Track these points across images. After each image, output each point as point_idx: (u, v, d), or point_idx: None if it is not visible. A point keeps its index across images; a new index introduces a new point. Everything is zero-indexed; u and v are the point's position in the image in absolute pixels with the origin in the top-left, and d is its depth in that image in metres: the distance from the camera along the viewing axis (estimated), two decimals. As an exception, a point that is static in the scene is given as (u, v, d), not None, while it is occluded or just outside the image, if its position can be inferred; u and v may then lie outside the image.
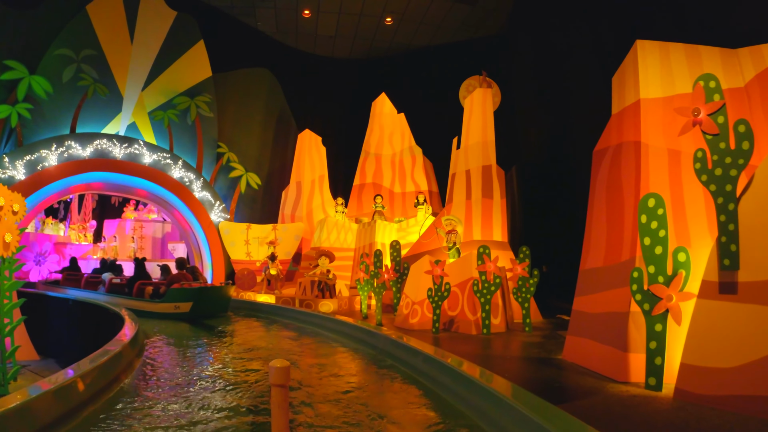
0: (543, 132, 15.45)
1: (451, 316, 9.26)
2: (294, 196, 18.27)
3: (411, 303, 9.51)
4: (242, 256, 17.03)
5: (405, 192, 17.65)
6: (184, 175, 17.12)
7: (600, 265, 6.53)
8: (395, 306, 11.28)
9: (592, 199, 7.11)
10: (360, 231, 14.50)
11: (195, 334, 9.86)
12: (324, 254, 12.86)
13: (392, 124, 18.55)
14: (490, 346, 7.78)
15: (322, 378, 6.02)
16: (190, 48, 18.57)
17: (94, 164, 15.77)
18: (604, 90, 12.49)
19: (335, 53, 23.17)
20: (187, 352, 8.11)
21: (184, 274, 12.39)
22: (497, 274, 8.69)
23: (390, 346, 6.82)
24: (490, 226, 11.71)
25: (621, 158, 6.69)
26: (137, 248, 22.81)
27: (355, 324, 8.40)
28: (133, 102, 17.50)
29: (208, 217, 17.28)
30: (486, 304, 8.65)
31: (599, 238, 6.71)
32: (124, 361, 6.02)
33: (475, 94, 13.26)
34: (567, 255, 13.32)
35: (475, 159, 12.46)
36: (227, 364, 7.01)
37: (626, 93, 7.02)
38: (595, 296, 6.44)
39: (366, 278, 10.82)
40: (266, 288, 14.77)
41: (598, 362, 6.04)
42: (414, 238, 13.96)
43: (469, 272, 9.18)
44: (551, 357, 6.84)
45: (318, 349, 8.00)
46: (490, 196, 11.97)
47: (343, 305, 12.36)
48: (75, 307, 12.09)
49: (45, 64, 15.95)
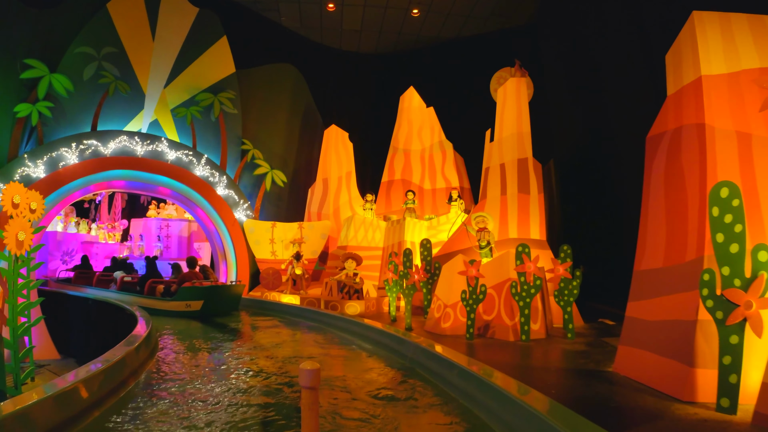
0: (580, 123, 14.60)
1: (487, 320, 8.55)
2: (320, 193, 17.72)
3: (443, 306, 8.82)
4: (267, 255, 16.53)
5: (435, 188, 16.95)
6: (208, 173, 16.68)
7: (659, 266, 5.75)
8: (425, 308, 10.61)
9: (647, 191, 6.32)
10: (388, 229, 13.86)
11: (216, 335, 9.35)
12: (351, 257, 12.22)
13: (421, 118, 17.87)
14: (530, 354, 7.06)
15: (341, 391, 5.40)
16: (213, 44, 18.15)
17: (115, 162, 15.42)
18: (648, 73, 11.66)
19: (361, 48, 22.57)
20: (200, 355, 7.57)
21: (195, 273, 12.40)
22: (537, 275, 7.95)
23: (421, 356, 6.14)
24: (527, 223, 10.95)
25: (681, 143, 5.91)
26: (163, 247, 22.58)
27: (382, 329, 7.73)
28: (155, 99, 17.14)
29: (233, 216, 16.82)
30: (525, 308, 7.91)
31: (657, 235, 5.93)
32: (136, 362, 5.54)
33: (509, 84, 12.50)
34: (608, 254, 12.51)
35: (510, 152, 11.71)
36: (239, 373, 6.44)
37: (684, 71, 6.23)
38: (654, 301, 5.68)
39: (395, 279, 10.17)
40: (291, 288, 14.24)
41: (657, 378, 5.29)
42: (445, 237, 13.27)
43: (506, 273, 8.45)
44: (600, 369, 6.09)
45: (340, 356, 7.37)
46: (526, 191, 11.20)
47: (370, 307, 11.72)
48: (94, 306, 11.98)
49: (66, 62, 15.67)
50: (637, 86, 11.75)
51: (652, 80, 11.20)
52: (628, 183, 11.98)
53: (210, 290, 11.66)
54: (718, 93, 5.75)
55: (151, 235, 23.05)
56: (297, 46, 21.09)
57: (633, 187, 11.84)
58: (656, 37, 11.15)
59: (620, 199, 12.27)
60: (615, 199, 12.50)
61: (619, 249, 12.13)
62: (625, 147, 12.24)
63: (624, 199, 12.16)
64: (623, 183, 12.22)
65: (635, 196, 11.72)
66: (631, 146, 11.86)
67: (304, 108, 20.25)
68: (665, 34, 10.97)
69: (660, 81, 10.97)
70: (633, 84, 12.05)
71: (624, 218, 12.10)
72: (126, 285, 14.12)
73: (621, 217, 12.18)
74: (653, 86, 11.07)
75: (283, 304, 12.87)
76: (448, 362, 5.31)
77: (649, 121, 11.11)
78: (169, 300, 11.91)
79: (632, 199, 11.90)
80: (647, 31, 11.58)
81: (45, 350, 12.48)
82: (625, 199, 12.11)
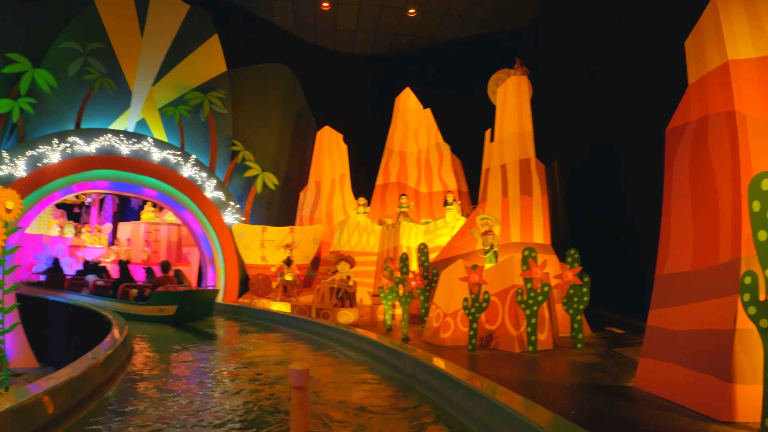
0: (584, 123, 14.06)
1: (490, 330, 7.94)
2: (313, 196, 17.10)
3: (442, 314, 8.21)
4: (257, 261, 15.88)
5: (432, 192, 16.37)
6: (196, 174, 16.04)
7: (686, 270, 5.17)
8: (423, 317, 10.00)
9: (669, 188, 5.74)
10: (384, 233, 13.27)
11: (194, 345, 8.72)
12: (343, 259, 11.59)
13: (417, 120, 17.33)
14: (539, 368, 6.46)
15: (329, 408, 4.78)
16: (204, 42, 17.58)
17: (99, 161, 14.78)
18: (656, 68, 11.12)
19: (356, 49, 22.04)
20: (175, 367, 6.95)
21: (169, 277, 12.23)
22: (545, 281, 7.36)
23: (420, 371, 5.50)
24: (530, 227, 10.36)
25: (708, 134, 5.35)
26: (151, 252, 21.96)
27: (377, 341, 7.08)
28: (143, 98, 16.52)
29: (221, 219, 16.17)
30: (532, 317, 7.31)
31: (683, 235, 5.34)
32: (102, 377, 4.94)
33: (509, 82, 11.96)
34: (616, 258, 11.92)
35: (511, 152, 11.14)
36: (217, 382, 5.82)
37: (707, 56, 5.68)
38: (681, 309, 5.09)
39: (390, 285, 9.57)
40: (282, 295, 13.59)
41: (688, 394, 4.70)
42: (443, 241, 12.67)
43: (511, 279, 7.86)
44: (620, 384, 5.50)
45: (329, 369, 6.74)
46: (529, 193, 10.62)
47: (364, 315, 11.09)
48: (74, 312, 11.55)
49: (50, 57, 15.08)
50: (645, 82, 11.22)
51: (661, 75, 10.67)
52: (637, 183, 11.44)
53: (184, 295, 11.50)
54: (748, 78, 5.22)
55: (138, 239, 22.41)
56: (290, 46, 20.54)
57: (642, 187, 11.31)
58: (665, 29, 10.63)
59: (628, 200, 11.72)
60: (622, 200, 11.94)
61: (628, 253, 11.58)
62: (632, 146, 11.71)
63: (632, 201, 11.61)
64: (631, 183, 11.67)
65: (644, 196, 11.22)
66: (640, 145, 11.33)
67: (297, 109, 19.68)
68: (674, 26, 10.48)
69: (671, 75, 10.45)
70: (639, 81, 11.53)
71: (632, 220, 11.55)
72: (99, 289, 13.89)
73: (629, 220, 11.63)
74: (663, 81, 10.55)
75: (272, 312, 12.25)
76: (452, 380, 4.69)
77: (659, 117, 10.55)
78: (143, 305, 11.71)
79: (641, 200, 11.37)
80: (654, 24, 11.07)
81: (23, 358, 11.85)
82: (633, 201, 11.56)
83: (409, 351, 6.00)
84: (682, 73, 10.19)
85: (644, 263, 10.97)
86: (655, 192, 10.75)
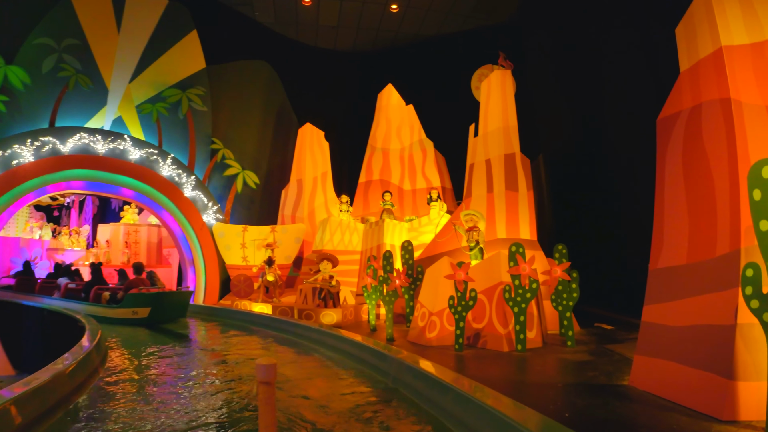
0: (570, 117, 13.88)
1: (477, 329, 7.71)
2: (294, 195, 16.76)
3: (427, 314, 7.96)
4: (238, 261, 15.51)
5: (415, 189, 16.12)
6: (174, 173, 15.63)
7: (682, 263, 4.97)
8: (408, 316, 9.75)
9: (662, 179, 5.54)
10: (367, 231, 13.00)
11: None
12: (326, 258, 11.29)
13: (400, 116, 17.06)
14: (529, 367, 6.23)
15: (312, 412, 4.49)
16: (182, 38, 17.14)
17: (73, 161, 14.30)
18: (641, 60, 10.97)
19: (338, 45, 21.71)
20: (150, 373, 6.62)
21: (141, 279, 11.98)
22: (533, 277, 7.14)
23: (405, 374, 5.21)
24: (516, 222, 10.16)
25: (702, 122, 5.16)
26: (131, 254, 21.45)
27: (360, 343, 6.78)
28: (120, 95, 16.06)
29: (201, 219, 15.77)
30: (521, 315, 7.09)
31: (678, 227, 5.14)
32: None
33: (493, 77, 11.77)
34: (603, 253, 11.75)
35: (496, 147, 10.94)
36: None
37: (700, 43, 5.51)
38: (677, 304, 4.89)
39: (374, 284, 9.30)
40: (264, 296, 13.26)
41: (686, 393, 4.49)
42: (427, 239, 12.43)
43: (498, 276, 7.64)
44: (615, 383, 5.29)
45: (310, 374, 6.45)
46: (514, 188, 10.43)
47: (348, 315, 10.81)
48: (49, 316, 11.05)
49: (23, 53, 14.62)
50: (630, 74, 11.08)
51: (646, 66, 10.52)
52: (624, 177, 11.29)
53: (157, 297, 11.34)
54: (742, 64, 5.05)
55: (118, 241, 21.90)
56: (271, 42, 20.15)
57: (629, 181, 11.13)
58: (650, 19, 10.48)
59: (614, 194, 11.56)
60: (609, 194, 11.78)
61: (615, 248, 11.42)
62: (619, 139, 11.56)
63: (619, 195, 11.45)
64: (618, 177, 11.52)
65: (631, 190, 11.05)
66: (626, 138, 11.17)
67: (279, 106, 19.33)
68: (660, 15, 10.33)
69: (656, 66, 10.30)
70: (624, 72, 11.39)
71: (620, 215, 11.40)
72: (70, 292, 13.49)
73: (616, 214, 11.47)
74: (648, 72, 10.39)
75: (252, 313, 11.91)
76: (438, 383, 4.41)
77: (645, 109, 10.42)
78: (116, 307, 11.53)
79: (628, 194, 11.19)
80: (638, 15, 10.92)
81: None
82: (620, 195, 11.40)
83: (394, 353, 5.72)
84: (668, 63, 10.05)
85: (632, 258, 10.85)
86: (643, 186, 10.57)
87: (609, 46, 12.01)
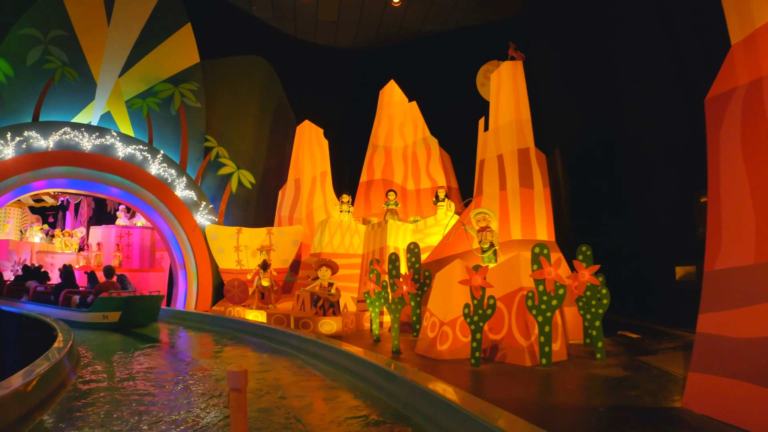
0: (586, 107, 13.01)
1: (494, 340, 6.90)
2: (292, 195, 15.96)
3: (438, 323, 7.15)
4: (232, 265, 14.68)
5: (420, 189, 15.33)
6: (165, 172, 14.83)
7: (748, 263, 4.18)
8: (414, 324, 8.94)
9: (716, 166, 4.75)
10: (369, 233, 12.21)
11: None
12: (324, 264, 10.42)
13: (403, 113, 16.30)
14: (559, 385, 5.43)
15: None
16: (176, 32, 16.42)
17: (56, 157, 13.52)
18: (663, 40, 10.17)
19: (338, 41, 20.92)
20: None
21: (112, 283, 11.82)
22: (560, 282, 6.34)
23: (420, 400, 4.36)
24: (532, 222, 9.38)
25: (764, 99, 4.39)
26: (123, 257, 20.70)
27: (365, 359, 5.87)
28: (109, 89, 15.28)
29: (193, 220, 14.96)
30: (545, 324, 6.29)
31: (740, 221, 4.35)
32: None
33: (504, 68, 11.04)
34: (627, 255, 10.89)
35: (508, 141, 10.18)
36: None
37: (754, 10, 4.76)
38: (743, 312, 4.10)
39: (377, 290, 8.49)
40: (259, 302, 12.42)
41: (755, 416, 3.71)
42: (434, 241, 11.64)
43: (518, 281, 6.84)
44: (665, 405, 4.49)
45: (305, 395, 5.63)
46: (529, 185, 9.65)
47: (348, 324, 9.99)
48: (27, 323, 10.39)
49: (7, 45, 13.90)
50: (651, 56, 10.28)
51: (666, 48, 9.72)
52: (648, 170, 10.47)
53: (127, 301, 11.11)
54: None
55: (109, 243, 21.14)
56: (269, 38, 19.37)
57: (654, 175, 10.29)
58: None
59: (639, 190, 10.74)
60: (633, 190, 10.95)
61: (638, 249, 10.61)
62: (640, 128, 10.73)
63: (642, 191, 10.64)
64: (641, 171, 10.71)
65: (657, 185, 10.26)
66: (649, 125, 10.36)
67: (276, 104, 18.56)
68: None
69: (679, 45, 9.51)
70: (641, 56, 10.59)
71: (643, 212, 10.58)
72: (39, 295, 13.34)
73: (640, 212, 10.66)
74: (672, 54, 9.59)
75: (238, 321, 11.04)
76: (463, 414, 3.58)
77: (670, 95, 9.65)
78: (86, 311, 11.31)
79: (653, 188, 10.36)
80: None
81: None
82: (643, 190, 10.59)
83: (405, 373, 4.89)
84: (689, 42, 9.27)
85: (658, 259, 10.03)
86: (670, 181, 9.84)
87: (623, 27, 11.25)
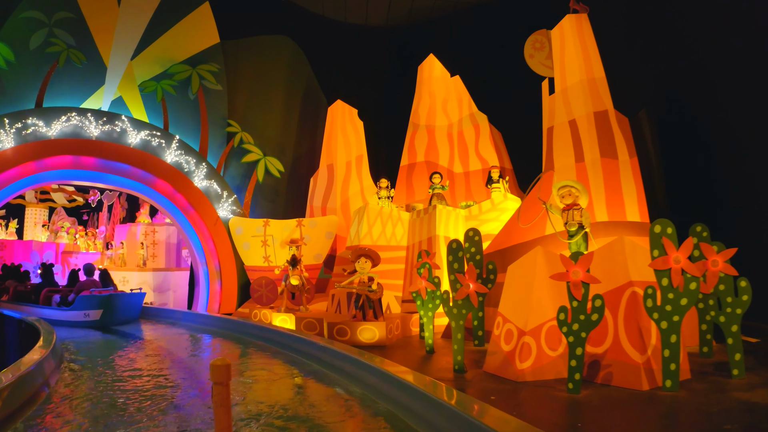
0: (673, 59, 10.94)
1: (594, 354, 5.12)
2: (325, 182, 14.38)
3: (515, 332, 5.39)
4: (259, 262, 13.16)
5: (468, 171, 13.54)
6: (182, 160, 13.38)
7: None
8: (476, 330, 7.22)
9: None
10: (414, 222, 10.54)
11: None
12: (363, 254, 8.72)
13: (445, 89, 14.56)
14: (705, 422, 3.65)
15: None
16: (193, 10, 15.07)
17: (61, 145, 12.30)
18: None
19: (369, 20, 19.25)
20: None
21: (93, 281, 11.83)
22: (692, 273, 4.54)
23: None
24: (620, 200, 7.54)
25: None
26: (148, 256, 19.58)
27: (425, 392, 4.06)
28: (120, 73, 13.95)
29: (215, 212, 13.49)
30: (671, 333, 4.49)
31: None
32: None
33: (566, 22, 9.26)
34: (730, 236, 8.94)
35: (580, 104, 8.37)
36: None
37: None
38: None
39: (430, 289, 6.78)
40: (288, 302, 10.79)
41: None
42: (490, 228, 9.87)
43: (624, 273, 5.05)
44: None
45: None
46: (613, 155, 7.82)
47: (393, 329, 8.31)
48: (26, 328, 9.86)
49: (8, 28, 12.79)
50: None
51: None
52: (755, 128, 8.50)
53: (108, 299, 11.05)
54: None
55: (134, 242, 20.07)
56: (294, 17, 17.87)
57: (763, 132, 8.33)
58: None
59: (752, 158, 8.77)
60: (743, 159, 8.97)
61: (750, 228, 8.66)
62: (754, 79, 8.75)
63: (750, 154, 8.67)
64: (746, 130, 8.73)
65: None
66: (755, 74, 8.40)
67: (305, 86, 17.04)
68: None
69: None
70: None
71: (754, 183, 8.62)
72: (19, 294, 13.34)
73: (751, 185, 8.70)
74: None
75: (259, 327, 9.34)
76: None
77: None
78: (67, 310, 11.35)
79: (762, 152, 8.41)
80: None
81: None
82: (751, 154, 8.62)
83: (497, 422, 3.13)
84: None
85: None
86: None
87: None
